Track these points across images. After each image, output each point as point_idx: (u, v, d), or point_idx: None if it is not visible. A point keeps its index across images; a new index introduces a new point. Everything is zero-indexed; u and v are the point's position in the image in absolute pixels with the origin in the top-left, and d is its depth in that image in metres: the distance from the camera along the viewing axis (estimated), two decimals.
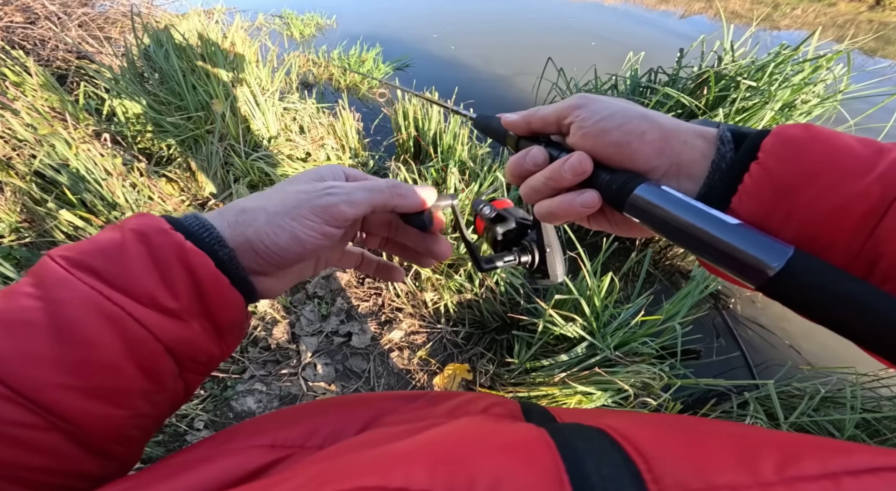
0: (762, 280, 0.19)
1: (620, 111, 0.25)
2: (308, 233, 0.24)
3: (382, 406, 0.27)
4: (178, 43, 1.65)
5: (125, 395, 0.21)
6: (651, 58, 1.88)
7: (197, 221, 0.23)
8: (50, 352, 0.19)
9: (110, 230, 0.22)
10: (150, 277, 0.21)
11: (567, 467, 0.15)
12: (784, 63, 1.39)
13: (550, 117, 0.28)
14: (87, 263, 0.20)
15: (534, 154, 0.28)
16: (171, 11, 2.95)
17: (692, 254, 0.22)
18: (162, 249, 0.21)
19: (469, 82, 2.88)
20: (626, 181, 0.24)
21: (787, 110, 1.43)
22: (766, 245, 0.19)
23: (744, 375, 1.37)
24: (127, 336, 0.20)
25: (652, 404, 1.02)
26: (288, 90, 2.30)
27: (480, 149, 1.79)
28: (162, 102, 1.74)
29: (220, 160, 1.70)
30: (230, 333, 0.25)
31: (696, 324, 1.26)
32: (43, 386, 0.18)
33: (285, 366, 1.25)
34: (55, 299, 0.19)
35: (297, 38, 3.91)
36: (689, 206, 0.21)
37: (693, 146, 0.24)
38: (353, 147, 1.90)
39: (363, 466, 0.16)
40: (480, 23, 4.43)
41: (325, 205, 0.24)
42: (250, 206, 0.25)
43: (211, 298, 0.22)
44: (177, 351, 0.22)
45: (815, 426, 1.06)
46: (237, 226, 0.24)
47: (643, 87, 1.73)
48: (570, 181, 0.26)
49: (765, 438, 0.16)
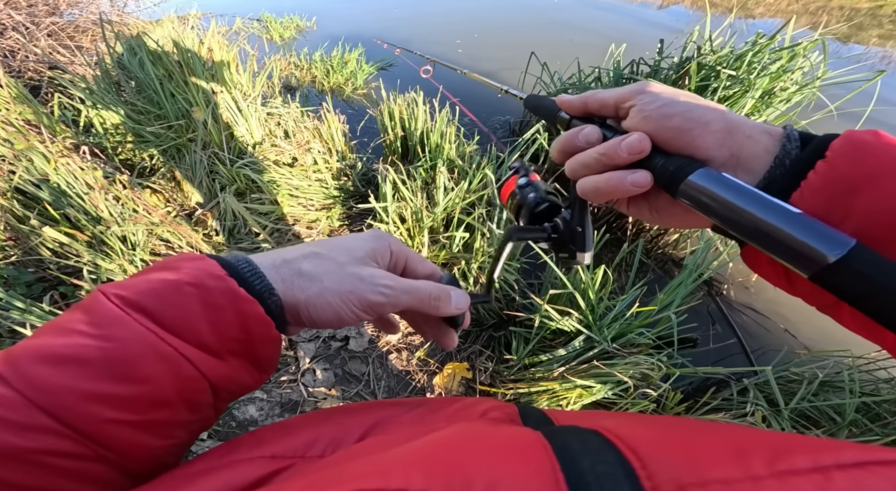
0: (819, 268, 0.19)
1: (685, 99, 0.26)
2: (349, 315, 0.26)
3: (382, 414, 0.27)
4: (152, 50, 1.61)
5: (171, 426, 0.22)
6: (632, 49, 1.89)
7: (249, 267, 0.25)
8: (104, 388, 0.19)
9: (164, 269, 0.23)
10: (201, 320, 0.22)
11: (562, 467, 0.15)
12: (761, 52, 1.41)
13: (609, 100, 0.28)
14: (142, 304, 0.21)
15: (588, 132, 0.28)
16: (143, 18, 2.88)
17: (747, 241, 0.22)
18: (215, 295, 0.22)
19: (454, 79, 2.87)
20: (684, 165, 0.24)
21: (767, 98, 1.46)
22: (830, 234, 0.19)
23: (741, 361, 1.38)
24: (179, 374, 0.21)
25: (652, 395, 1.03)
26: (270, 94, 2.27)
27: (468, 146, 1.78)
28: (140, 112, 1.69)
29: (204, 169, 1.67)
30: (266, 365, 0.26)
31: (691, 312, 1.27)
32: (98, 421, 0.19)
33: (284, 373, 1.24)
34: (112, 337, 0.20)
35: (277, 42, 3.85)
36: (751, 193, 0.22)
37: (757, 141, 0.24)
38: (340, 150, 1.88)
39: (362, 470, 0.16)
40: (462, 20, 4.42)
41: (373, 302, 0.26)
42: (307, 270, 0.26)
43: (256, 340, 0.24)
44: (218, 385, 0.23)
45: (816, 412, 1.08)
46: (291, 287, 0.25)
47: (626, 79, 1.74)
48: (624, 159, 0.26)
49: (756, 436, 0.17)
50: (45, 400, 0.18)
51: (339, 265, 0.27)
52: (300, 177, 1.77)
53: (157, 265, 0.24)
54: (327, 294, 0.25)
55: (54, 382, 0.19)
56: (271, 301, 0.24)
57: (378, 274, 0.27)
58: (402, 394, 1.22)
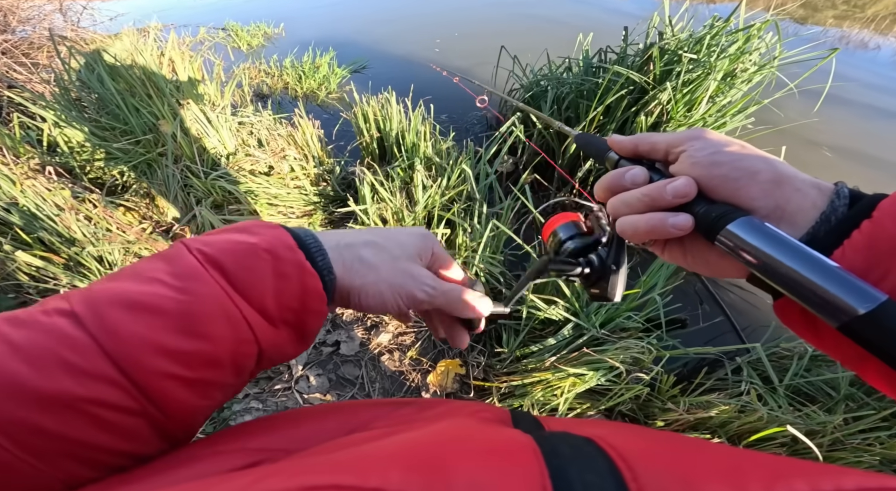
0: (848, 319, 0.20)
1: (737, 149, 0.26)
2: (393, 306, 0.28)
3: (372, 412, 0.27)
4: (110, 65, 1.56)
5: (215, 388, 0.22)
6: (600, 38, 1.92)
7: (315, 244, 0.26)
8: (174, 342, 0.20)
9: (243, 232, 0.24)
10: (269, 286, 0.23)
11: (551, 474, 0.15)
12: (719, 34, 1.46)
13: (660, 144, 0.29)
14: (221, 262, 0.22)
15: (635, 173, 0.29)
16: (101, 32, 2.78)
17: (781, 290, 0.23)
18: (286, 264, 0.23)
19: (428, 78, 2.86)
20: (727, 212, 0.24)
21: (729, 79, 1.50)
22: (863, 288, 0.20)
23: (732, 339, 1.38)
24: (238, 337, 0.22)
25: (645, 379, 1.02)
26: (241, 103, 2.22)
27: (445, 143, 1.79)
28: (105, 128, 1.64)
29: (178, 183, 1.63)
30: (311, 338, 0.27)
31: (676, 292, 1.27)
32: (156, 374, 0.19)
33: (278, 381, 1.22)
34: (189, 291, 0.20)
35: (244, 50, 3.78)
36: (789, 244, 0.22)
37: (805, 195, 0.24)
38: (317, 155, 1.86)
39: (341, 463, 0.16)
40: (433, 16, 4.41)
41: (418, 298, 0.28)
42: (368, 258, 0.28)
43: (310, 313, 0.25)
44: (265, 353, 0.24)
45: (811, 387, 1.09)
46: (350, 272, 0.27)
47: (595, 67, 1.77)
48: (667, 202, 0.27)
49: (752, 457, 0.16)
50: (116, 348, 0.18)
51: (394, 259, 0.29)
52: (278, 185, 1.74)
53: (235, 227, 0.25)
54: (381, 285, 0.27)
55: (130, 330, 0.19)
56: (328, 279, 0.26)
57: (425, 274, 0.30)
58: (397, 394, 1.22)
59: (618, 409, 1.11)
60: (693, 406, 1.02)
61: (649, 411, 1.10)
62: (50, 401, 0.17)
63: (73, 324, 0.19)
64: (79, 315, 0.19)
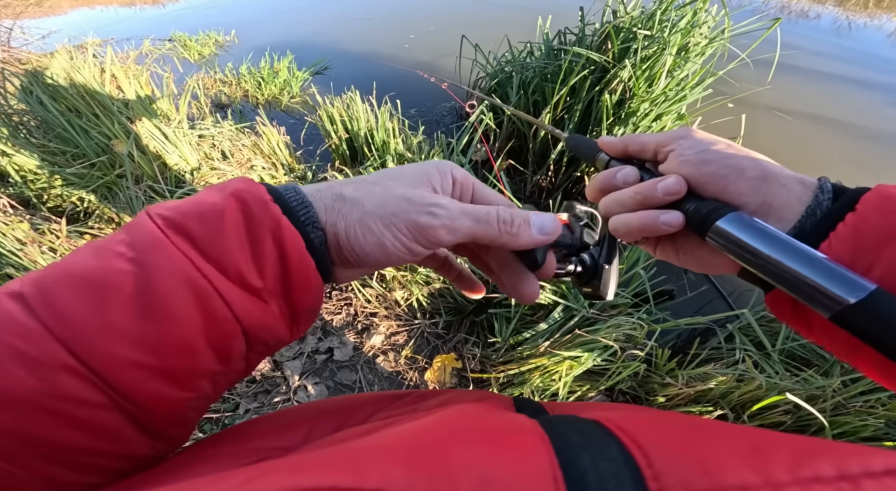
0: (839, 309, 0.20)
1: (724, 147, 0.27)
2: (396, 245, 0.22)
3: (373, 406, 0.27)
4: (49, 85, 1.46)
5: (194, 376, 0.19)
6: (558, 20, 1.94)
7: (296, 196, 0.22)
8: (132, 325, 0.17)
9: (214, 191, 0.20)
10: (243, 250, 0.19)
11: (561, 462, 0.14)
12: (668, 10, 1.49)
13: (650, 144, 0.30)
14: (185, 226, 0.19)
15: (626, 172, 0.30)
16: (35, 51, 2.59)
17: (772, 283, 0.23)
18: (259, 223, 0.19)
19: (392, 74, 2.82)
20: (717, 208, 0.25)
21: (684, 53, 1.55)
22: (852, 279, 0.21)
23: (721, 306, 1.40)
24: (210, 315, 0.18)
25: (640, 355, 1.03)
26: (200, 116, 2.13)
27: (416, 137, 1.77)
28: (55, 153, 1.54)
29: (143, 204, 1.55)
30: (304, 317, 0.23)
31: (661, 265, 1.27)
32: (117, 362, 0.17)
33: (276, 394, 1.20)
34: (146, 264, 0.17)
35: (194, 60, 3.61)
36: (779, 238, 0.23)
37: (790, 190, 0.25)
38: (286, 162, 1.81)
39: (339, 460, 0.15)
40: (393, 10, 4.34)
41: (423, 225, 0.22)
42: (349, 195, 0.22)
43: (295, 280, 0.21)
44: (252, 333, 0.20)
45: (804, 350, 1.11)
46: (331, 213, 0.22)
47: (556, 50, 1.79)
48: (658, 200, 0.27)
49: (772, 438, 0.15)
50: (68, 334, 0.16)
51: (387, 189, 0.23)
52: None
53: (210, 188, 0.21)
54: (369, 219, 0.21)
55: (83, 313, 0.16)
56: (315, 235, 0.21)
57: (430, 195, 0.23)
58: None
59: (618, 388, 1.12)
60: (692, 379, 1.03)
61: (649, 388, 1.11)
62: (5, 397, 0.15)
63: (22, 308, 0.16)
64: (27, 298, 0.17)
